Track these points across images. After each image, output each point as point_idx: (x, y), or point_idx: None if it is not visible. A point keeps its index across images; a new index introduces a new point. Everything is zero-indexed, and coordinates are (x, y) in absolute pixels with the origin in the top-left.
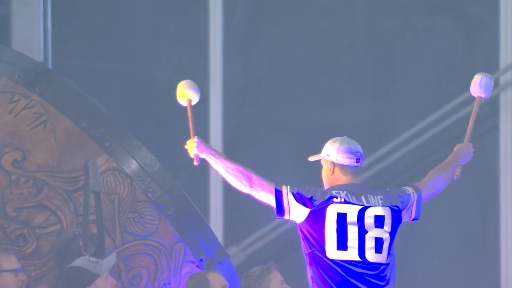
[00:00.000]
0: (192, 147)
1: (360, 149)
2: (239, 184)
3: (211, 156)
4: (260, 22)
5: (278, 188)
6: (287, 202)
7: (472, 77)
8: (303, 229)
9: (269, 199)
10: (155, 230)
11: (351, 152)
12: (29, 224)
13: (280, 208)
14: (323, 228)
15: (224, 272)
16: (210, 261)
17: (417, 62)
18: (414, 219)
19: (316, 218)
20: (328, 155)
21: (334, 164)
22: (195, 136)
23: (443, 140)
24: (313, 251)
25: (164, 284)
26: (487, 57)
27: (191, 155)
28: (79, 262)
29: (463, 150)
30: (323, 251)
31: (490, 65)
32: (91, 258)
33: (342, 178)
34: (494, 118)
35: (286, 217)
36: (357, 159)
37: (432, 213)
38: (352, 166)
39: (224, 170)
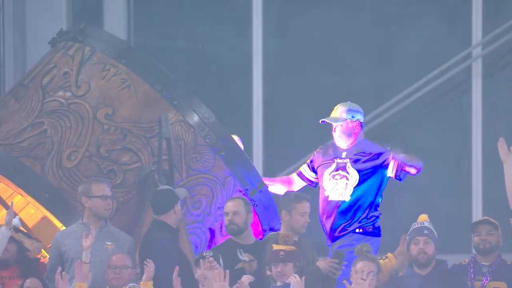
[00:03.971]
0: None
1: None
2: (284, 190)
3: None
4: (292, 8)
5: (298, 172)
6: (309, 175)
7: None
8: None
9: (301, 184)
10: (211, 167)
11: (363, 115)
12: (117, 162)
13: (310, 182)
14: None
15: (263, 198)
16: (253, 190)
17: (409, 41)
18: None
19: (321, 170)
20: (353, 117)
21: (360, 124)
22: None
23: (428, 100)
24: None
25: (219, 207)
26: (462, 35)
27: None
28: (166, 186)
29: None
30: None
31: (464, 41)
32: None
33: (361, 134)
34: (468, 82)
35: (315, 181)
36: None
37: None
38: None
39: (273, 188)
